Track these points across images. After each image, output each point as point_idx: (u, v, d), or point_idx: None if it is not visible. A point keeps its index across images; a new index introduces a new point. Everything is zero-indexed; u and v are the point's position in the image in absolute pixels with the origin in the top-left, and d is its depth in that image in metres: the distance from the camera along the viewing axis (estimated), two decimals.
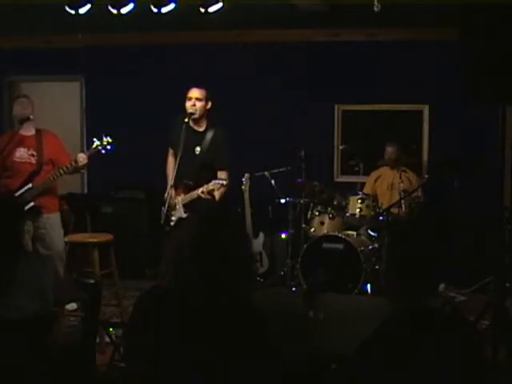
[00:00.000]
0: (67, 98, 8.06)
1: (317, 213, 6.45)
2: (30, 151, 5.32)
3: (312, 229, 6.41)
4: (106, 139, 5.08)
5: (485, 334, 4.20)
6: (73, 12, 5.18)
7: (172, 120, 5.23)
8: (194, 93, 5.10)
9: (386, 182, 6.66)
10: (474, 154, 6.43)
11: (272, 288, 6.31)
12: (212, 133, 5.14)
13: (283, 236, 6.76)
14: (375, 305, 3.92)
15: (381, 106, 7.24)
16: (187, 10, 5.14)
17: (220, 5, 5.05)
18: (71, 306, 5.21)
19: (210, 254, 2.11)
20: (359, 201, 6.26)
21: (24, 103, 5.38)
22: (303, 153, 6.38)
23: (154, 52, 7.46)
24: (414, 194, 6.28)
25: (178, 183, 5.10)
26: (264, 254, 6.66)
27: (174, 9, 5.08)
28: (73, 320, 4.92)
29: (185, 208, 5.08)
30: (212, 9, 5.07)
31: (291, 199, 6.51)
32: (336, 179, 7.37)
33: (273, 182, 6.55)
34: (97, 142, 5.11)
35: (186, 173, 5.07)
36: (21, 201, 5.12)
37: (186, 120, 5.07)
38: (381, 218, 6.18)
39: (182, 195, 5.10)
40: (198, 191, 4.91)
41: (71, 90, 7.94)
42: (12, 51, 7.65)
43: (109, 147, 5.09)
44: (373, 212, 6.23)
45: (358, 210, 6.25)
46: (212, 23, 6.05)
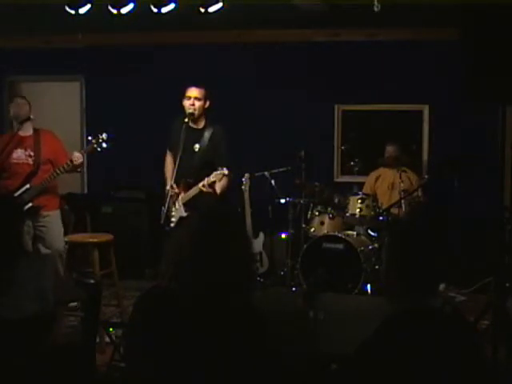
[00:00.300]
0: (67, 98, 8.06)
1: (317, 213, 6.44)
2: (28, 152, 5.32)
3: (312, 229, 6.41)
4: (101, 136, 5.09)
5: (485, 334, 4.20)
6: (73, 12, 5.18)
7: (171, 123, 5.24)
8: (193, 92, 5.10)
9: (387, 182, 6.66)
10: (474, 154, 6.43)
11: (272, 288, 6.31)
12: (210, 130, 5.14)
13: (283, 236, 6.76)
14: (375, 305, 3.92)
15: (381, 106, 7.24)
16: (187, 10, 5.14)
17: (220, 5, 5.05)
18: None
19: (210, 254, 2.11)
20: (359, 201, 6.26)
21: (20, 104, 5.38)
22: (303, 153, 6.37)
23: (154, 52, 7.46)
24: (414, 194, 6.28)
25: (178, 182, 5.11)
26: (264, 254, 6.65)
27: (174, 9, 5.08)
28: (73, 320, 4.92)
29: (185, 207, 5.08)
30: (212, 9, 5.07)
31: (291, 199, 6.50)
32: (336, 179, 7.37)
33: (273, 182, 6.54)
34: (92, 141, 5.12)
35: (186, 171, 5.08)
36: (19, 201, 5.12)
37: (186, 120, 5.08)
38: (381, 218, 6.18)
39: (182, 194, 5.10)
40: (199, 185, 4.91)
41: (71, 90, 7.94)
42: (12, 51, 7.65)
43: (104, 145, 5.09)
44: (373, 212, 6.23)
45: (358, 210, 6.25)
46: (212, 23, 6.05)
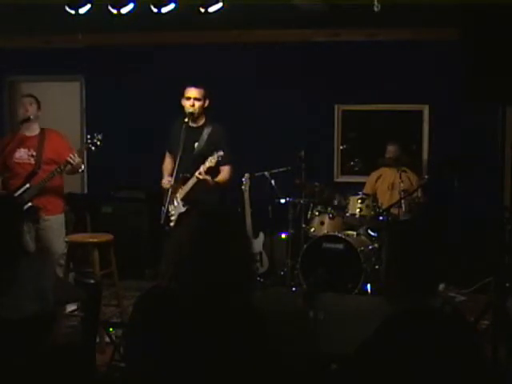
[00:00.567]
0: (67, 98, 8.05)
1: (317, 213, 6.44)
2: (31, 152, 5.31)
3: (312, 229, 6.41)
4: (97, 136, 5.10)
5: (485, 334, 4.20)
6: (73, 12, 5.18)
7: (171, 125, 5.25)
8: (193, 92, 5.10)
9: (387, 182, 6.66)
10: (474, 154, 6.43)
11: (272, 288, 6.31)
12: (209, 128, 5.15)
13: (283, 236, 6.76)
14: (375, 305, 3.92)
15: (381, 106, 7.24)
16: (187, 10, 5.14)
17: (220, 5, 5.05)
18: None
19: (210, 254, 2.11)
20: (359, 201, 6.26)
21: (25, 104, 5.37)
22: (303, 153, 6.37)
23: (154, 52, 7.46)
24: (414, 194, 6.28)
25: (177, 180, 5.11)
26: (264, 254, 6.65)
27: (174, 9, 5.08)
28: (73, 320, 4.92)
29: (183, 201, 5.08)
30: (212, 9, 5.07)
31: (291, 199, 6.50)
32: (336, 179, 7.37)
33: (273, 182, 6.54)
34: (88, 140, 5.13)
35: (185, 170, 5.08)
36: (19, 201, 5.11)
37: (186, 120, 5.08)
38: (381, 218, 6.19)
39: (180, 189, 5.10)
40: (196, 173, 4.91)
41: (71, 90, 7.94)
42: (12, 51, 7.65)
43: (98, 143, 5.11)
44: (373, 212, 6.23)
45: (358, 210, 6.25)
46: (212, 23, 6.05)
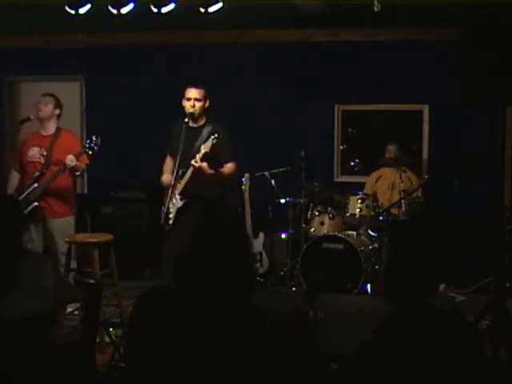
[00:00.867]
0: (67, 98, 8.02)
1: (317, 213, 6.44)
2: (42, 151, 5.35)
3: (312, 229, 6.41)
4: (96, 140, 5.10)
5: (485, 334, 4.20)
6: (73, 12, 5.18)
7: (171, 127, 5.25)
8: (193, 93, 5.09)
9: (387, 182, 6.66)
10: (474, 154, 6.43)
11: (272, 288, 6.31)
12: (210, 127, 5.14)
13: (283, 236, 6.76)
14: (375, 305, 3.92)
15: (381, 106, 7.24)
16: (187, 10, 5.13)
17: (220, 5, 5.05)
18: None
19: (210, 254, 2.11)
20: (359, 201, 6.26)
21: (40, 104, 5.45)
22: (303, 153, 6.37)
23: (154, 52, 7.46)
24: (414, 194, 6.28)
25: (176, 179, 5.11)
26: (264, 254, 6.65)
27: (174, 9, 5.08)
28: (73, 320, 4.92)
29: (181, 195, 5.08)
30: (212, 9, 5.07)
31: (291, 199, 6.50)
32: (336, 179, 7.36)
33: (273, 182, 6.54)
34: (86, 144, 5.13)
35: (185, 169, 5.09)
36: (26, 201, 5.14)
37: (186, 120, 5.08)
38: (381, 218, 6.19)
39: (178, 185, 5.10)
40: (192, 161, 4.90)
41: (71, 90, 7.93)
42: (12, 51, 7.65)
43: (96, 148, 5.11)
44: (373, 212, 6.23)
45: (358, 210, 6.25)
46: (212, 23, 6.05)
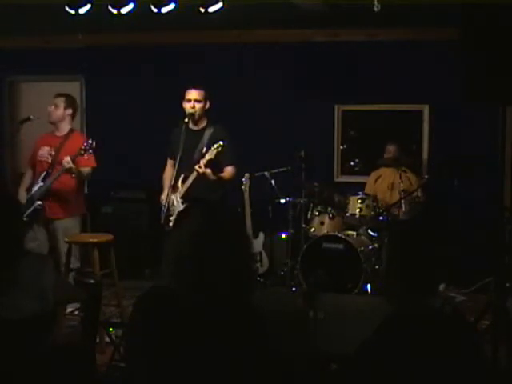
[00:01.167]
0: None
1: (317, 213, 6.44)
2: (51, 150, 5.37)
3: (312, 229, 6.41)
4: (91, 143, 5.09)
5: (485, 334, 4.20)
6: (73, 12, 5.18)
7: (171, 131, 5.25)
8: (193, 94, 5.10)
9: (387, 182, 6.66)
10: (474, 154, 6.43)
11: (272, 288, 6.31)
12: (211, 130, 5.14)
13: (283, 236, 6.75)
14: (375, 305, 3.92)
15: (381, 106, 7.24)
16: (187, 10, 5.13)
17: (220, 5, 5.05)
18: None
19: (210, 254, 2.11)
20: (359, 201, 6.26)
21: (51, 106, 5.48)
22: (303, 153, 6.37)
23: (154, 52, 7.46)
24: (414, 194, 6.28)
25: (177, 180, 5.11)
26: (264, 254, 6.65)
27: (174, 9, 5.08)
28: (73, 320, 4.92)
29: (182, 199, 5.08)
30: (212, 9, 5.07)
31: (291, 199, 6.50)
32: (336, 179, 7.36)
33: (273, 182, 6.54)
34: (82, 148, 5.13)
35: (186, 171, 5.08)
36: (30, 199, 5.17)
37: (186, 120, 5.08)
38: (381, 218, 6.19)
39: (180, 188, 5.09)
40: (195, 167, 4.89)
41: (71, 90, 7.91)
42: (12, 51, 7.65)
43: (91, 151, 5.12)
44: (373, 212, 6.23)
45: (358, 210, 6.25)
46: (212, 23, 6.05)
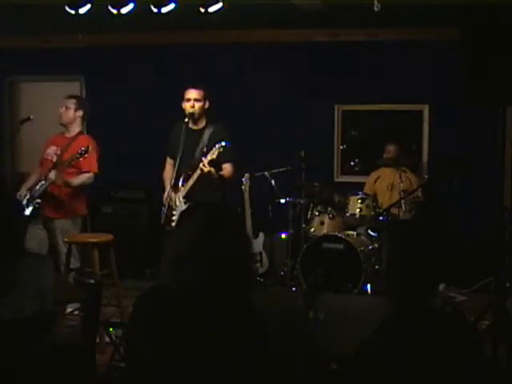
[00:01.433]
0: None
1: (317, 213, 6.44)
2: (57, 150, 5.37)
3: (312, 229, 6.40)
4: (84, 149, 5.09)
5: (485, 334, 4.20)
6: (73, 12, 5.18)
7: (170, 130, 5.25)
8: (192, 94, 5.10)
9: (386, 182, 6.66)
10: (474, 154, 6.44)
11: (272, 288, 6.31)
12: (211, 129, 5.14)
13: (283, 236, 6.75)
14: (375, 305, 3.93)
15: (381, 106, 7.24)
16: (187, 10, 5.14)
17: (220, 5, 5.05)
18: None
19: (210, 254, 2.11)
20: (359, 201, 6.26)
21: (62, 109, 5.45)
22: (303, 153, 6.36)
23: (154, 52, 7.46)
24: (414, 194, 6.28)
25: (177, 180, 5.10)
26: (264, 254, 6.65)
27: (174, 9, 5.08)
28: (73, 320, 4.92)
29: (185, 199, 5.07)
30: (212, 9, 5.07)
31: (291, 199, 6.50)
32: (336, 179, 7.36)
33: (273, 182, 6.54)
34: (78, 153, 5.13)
35: (186, 171, 5.08)
36: (32, 197, 5.18)
37: (186, 120, 5.08)
38: (381, 218, 6.18)
39: (182, 189, 5.09)
40: (200, 165, 4.88)
41: (71, 90, 7.92)
42: (12, 51, 7.65)
43: (81, 159, 5.11)
44: (373, 212, 6.23)
45: (358, 210, 6.25)
46: (212, 23, 6.05)
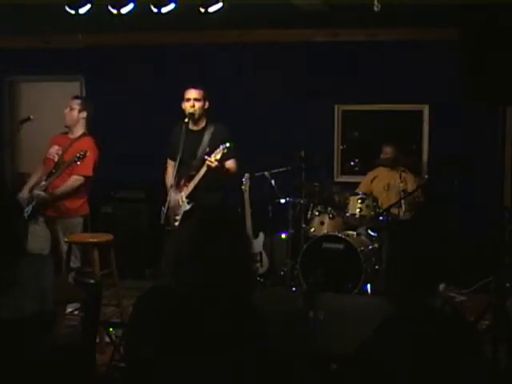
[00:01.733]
0: (67, 98, 8.02)
1: (317, 213, 6.44)
2: (59, 150, 5.36)
3: (312, 229, 6.40)
4: (79, 154, 5.09)
5: (485, 334, 4.20)
6: (73, 12, 5.18)
7: (170, 131, 5.25)
8: (192, 94, 5.10)
9: (383, 183, 6.66)
10: (474, 154, 6.44)
11: (272, 288, 6.31)
12: (211, 129, 5.14)
13: (283, 236, 6.75)
14: (375, 305, 3.93)
15: (381, 106, 7.24)
16: (187, 10, 5.14)
17: (220, 5, 5.05)
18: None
19: (210, 254, 2.11)
20: (359, 201, 6.26)
21: (66, 110, 5.49)
22: (303, 153, 6.36)
23: (154, 52, 7.46)
24: (414, 194, 6.28)
25: (179, 181, 5.10)
26: (264, 254, 6.65)
27: (174, 9, 5.08)
28: (73, 320, 4.92)
29: (188, 199, 5.07)
30: (212, 9, 5.07)
31: (291, 199, 6.50)
32: (336, 179, 7.36)
33: (273, 182, 6.54)
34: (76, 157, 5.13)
35: (187, 172, 5.08)
36: (31, 197, 5.18)
37: (186, 120, 5.08)
38: (381, 218, 6.18)
39: (185, 188, 5.09)
40: (207, 161, 4.85)
41: (71, 90, 7.93)
42: (12, 51, 7.64)
43: (78, 163, 5.11)
44: (373, 212, 6.23)
45: (358, 210, 6.25)
46: (212, 23, 6.05)
